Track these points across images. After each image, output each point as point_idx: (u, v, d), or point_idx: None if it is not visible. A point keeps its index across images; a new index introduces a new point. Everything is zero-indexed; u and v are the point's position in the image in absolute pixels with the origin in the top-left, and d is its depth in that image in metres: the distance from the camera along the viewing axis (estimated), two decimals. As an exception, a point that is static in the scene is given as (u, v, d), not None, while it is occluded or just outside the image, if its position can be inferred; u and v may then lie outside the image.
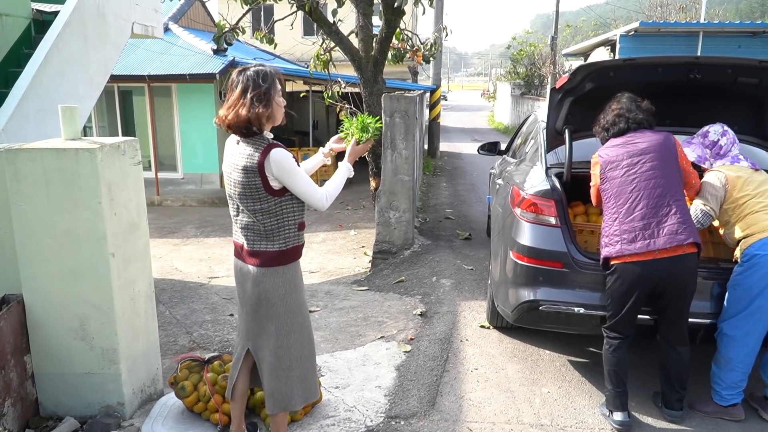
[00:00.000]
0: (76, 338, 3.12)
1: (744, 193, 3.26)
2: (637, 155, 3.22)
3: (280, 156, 2.55)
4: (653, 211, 3.11)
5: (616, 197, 3.22)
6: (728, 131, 3.52)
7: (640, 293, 3.14)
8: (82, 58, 6.23)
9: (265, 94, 2.57)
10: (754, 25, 12.92)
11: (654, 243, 3.06)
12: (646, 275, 3.09)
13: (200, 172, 12.10)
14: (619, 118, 3.36)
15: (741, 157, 3.45)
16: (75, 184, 2.95)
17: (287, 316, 2.71)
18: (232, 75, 2.64)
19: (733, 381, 3.30)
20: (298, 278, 2.78)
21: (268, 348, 2.73)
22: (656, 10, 23.86)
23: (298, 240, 2.73)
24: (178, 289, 6.21)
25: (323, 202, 2.68)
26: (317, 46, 7.90)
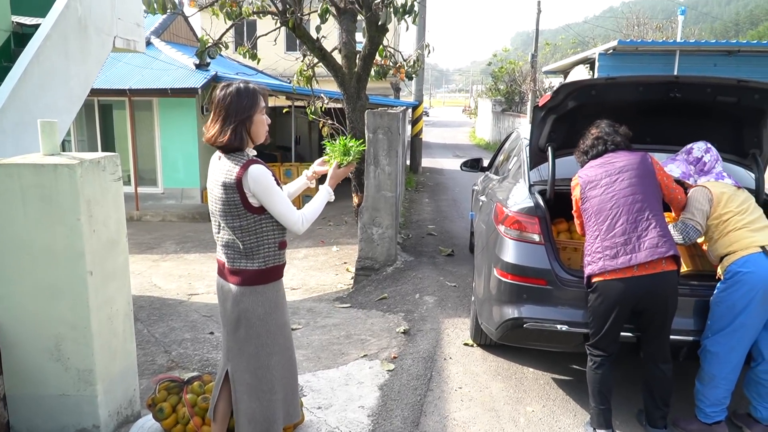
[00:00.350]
0: (51, 359, 3.03)
1: (727, 210, 3.29)
2: (615, 173, 3.27)
3: (257, 172, 2.52)
4: (633, 226, 3.13)
5: (597, 215, 3.24)
6: (711, 148, 3.57)
7: (620, 311, 3.14)
8: (63, 72, 6.15)
9: (247, 111, 2.55)
10: (730, 44, 13.21)
11: (635, 257, 3.07)
12: (626, 293, 3.10)
13: (181, 186, 11.99)
14: (597, 140, 3.44)
15: (725, 174, 3.50)
16: (53, 200, 2.88)
17: (268, 337, 2.66)
18: (216, 90, 2.62)
19: (716, 398, 3.30)
20: (280, 297, 2.73)
21: (248, 369, 2.67)
22: (633, 29, 24.34)
23: (279, 259, 2.68)
24: (156, 306, 6.11)
25: (299, 225, 2.62)
26: (300, 61, 7.90)
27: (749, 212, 3.29)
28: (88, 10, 6.47)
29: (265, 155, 13.44)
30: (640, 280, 3.08)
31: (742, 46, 13.05)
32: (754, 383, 3.33)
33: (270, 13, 7.20)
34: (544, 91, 22.92)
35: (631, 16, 26.34)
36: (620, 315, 3.16)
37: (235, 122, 2.53)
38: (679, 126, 3.89)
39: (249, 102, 2.57)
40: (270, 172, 2.57)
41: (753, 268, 3.12)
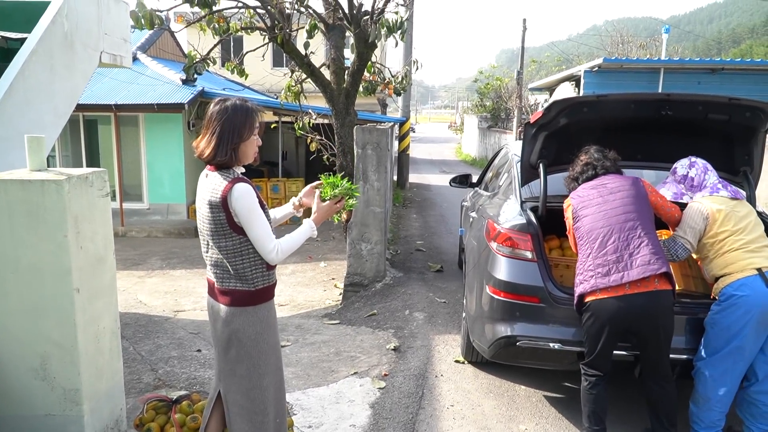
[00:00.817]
0: (36, 378, 2.96)
1: (724, 229, 3.25)
2: (608, 194, 3.30)
3: (240, 191, 2.45)
4: (625, 243, 3.13)
5: (588, 234, 3.24)
6: (696, 162, 3.55)
7: (612, 330, 3.13)
8: (49, 87, 6.10)
9: (239, 129, 2.50)
10: (713, 62, 13.42)
11: (628, 275, 3.07)
12: (619, 312, 3.09)
13: (166, 202, 11.88)
14: (587, 166, 3.48)
15: (720, 186, 3.44)
16: (40, 216, 2.82)
17: (259, 358, 2.60)
18: (210, 105, 2.57)
19: (711, 420, 3.27)
20: (272, 317, 2.67)
21: (240, 391, 2.61)
22: (618, 46, 24.66)
23: (269, 280, 2.62)
24: (142, 323, 6.02)
25: (272, 255, 2.52)
26: (287, 77, 7.90)
27: (747, 231, 3.24)
28: (75, 25, 6.44)
29: (251, 171, 13.40)
30: (632, 298, 3.07)
31: (726, 64, 13.27)
32: (747, 403, 3.31)
33: (258, 29, 7.20)
34: (530, 107, 23.12)
35: (615, 34, 26.74)
36: (612, 334, 3.15)
37: (226, 139, 2.48)
38: (671, 143, 3.92)
39: (243, 120, 2.52)
40: (254, 192, 2.51)
41: (749, 291, 3.09)
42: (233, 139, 2.49)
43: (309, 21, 6.83)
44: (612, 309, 3.09)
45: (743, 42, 77.63)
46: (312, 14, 6.92)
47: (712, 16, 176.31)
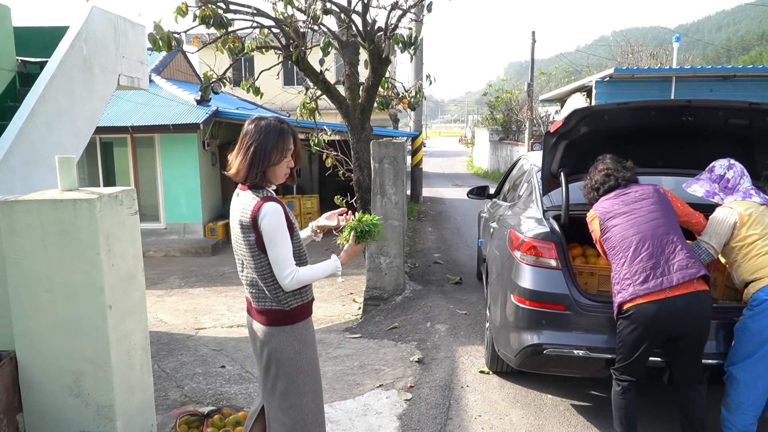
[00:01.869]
0: (70, 395, 3.00)
1: (752, 232, 3.23)
2: (632, 202, 3.31)
3: (267, 209, 2.43)
4: (659, 249, 3.12)
5: (621, 243, 3.23)
6: (735, 165, 3.51)
7: (654, 334, 3.11)
8: (69, 111, 6.21)
9: (269, 152, 2.49)
10: (725, 69, 13.38)
11: (667, 280, 3.05)
12: (661, 315, 3.06)
13: (183, 221, 11.99)
14: (608, 177, 3.47)
15: (753, 192, 3.41)
16: (72, 235, 2.88)
17: (298, 376, 2.59)
18: (247, 122, 2.57)
19: (743, 425, 3.24)
20: (309, 336, 2.64)
21: (281, 408, 2.61)
22: (628, 56, 24.66)
23: (302, 299, 2.59)
24: (165, 341, 6.06)
25: (288, 281, 2.45)
26: (298, 95, 7.97)
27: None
28: (93, 49, 6.56)
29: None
30: (673, 301, 3.04)
31: (738, 71, 13.23)
32: (779, 407, 3.30)
33: (273, 48, 7.29)
34: (540, 119, 23.14)
35: (625, 44, 26.75)
36: (653, 339, 3.13)
37: (257, 161, 2.47)
38: (691, 149, 3.92)
39: (275, 142, 2.50)
40: (284, 212, 2.47)
41: None
42: (263, 162, 2.47)
43: (323, 39, 6.91)
44: (654, 313, 3.06)
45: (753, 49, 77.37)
46: (326, 32, 7.00)
47: (720, 24, 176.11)
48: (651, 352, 3.18)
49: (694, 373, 3.21)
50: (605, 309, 3.45)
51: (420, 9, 7.34)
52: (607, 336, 3.44)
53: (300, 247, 2.59)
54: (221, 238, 11.79)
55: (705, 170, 3.63)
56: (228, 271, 9.69)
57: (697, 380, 3.21)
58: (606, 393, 4.18)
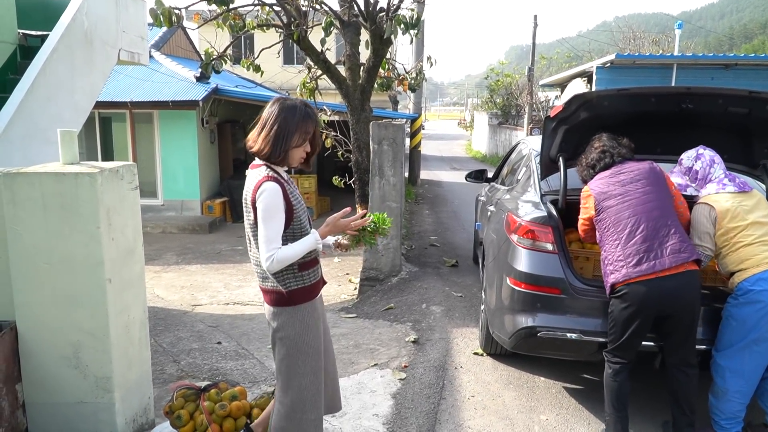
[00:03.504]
0: (69, 366, 3.03)
1: (734, 225, 3.24)
2: (629, 183, 3.31)
3: (265, 188, 2.45)
4: (654, 232, 3.15)
5: (615, 225, 3.25)
6: (703, 154, 3.50)
7: (646, 315, 3.15)
8: (69, 84, 6.19)
9: (293, 131, 2.50)
10: (727, 57, 13.36)
11: (659, 263, 3.09)
12: (652, 295, 3.10)
13: (181, 198, 11.98)
14: (603, 153, 3.48)
15: (726, 180, 3.39)
16: (74, 208, 2.89)
17: (298, 358, 2.61)
18: (273, 101, 2.59)
19: (731, 412, 3.29)
20: (312, 319, 2.64)
21: (282, 387, 2.65)
22: (629, 42, 24.55)
23: (302, 282, 2.59)
24: (161, 317, 6.10)
25: (268, 264, 2.44)
26: (298, 75, 7.96)
27: (759, 224, 3.22)
28: (94, 23, 6.52)
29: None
30: (663, 281, 3.08)
31: (740, 60, 13.21)
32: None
33: (275, 26, 7.26)
34: (540, 104, 23.07)
35: (627, 30, 26.61)
36: (645, 321, 3.16)
37: (282, 138, 2.48)
38: (690, 136, 3.93)
39: (300, 123, 2.51)
40: (280, 193, 2.46)
41: (765, 285, 3.09)
42: (286, 143, 2.50)
43: (325, 18, 6.88)
44: (644, 292, 3.10)
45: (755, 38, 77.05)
46: (328, 11, 6.97)
47: (723, 12, 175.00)
48: (643, 334, 3.22)
49: (685, 356, 3.25)
50: (600, 293, 3.49)
51: (422, -10, 7.30)
52: (601, 320, 3.48)
53: (302, 229, 2.57)
54: (218, 215, 11.81)
55: (677, 162, 3.65)
56: (225, 249, 9.71)
57: (689, 363, 3.25)
58: (598, 377, 4.23)
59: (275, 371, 2.71)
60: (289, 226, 2.52)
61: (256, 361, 4.66)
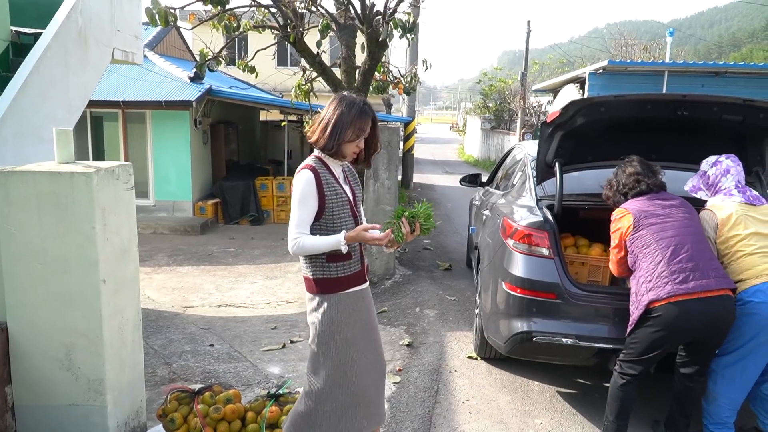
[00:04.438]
0: (61, 368, 3.00)
1: (734, 233, 3.24)
2: (669, 207, 3.29)
3: (299, 174, 2.61)
4: (699, 254, 3.10)
5: (658, 242, 3.17)
6: (720, 162, 3.49)
7: (684, 333, 3.09)
8: (62, 83, 6.14)
9: (347, 126, 2.60)
10: (717, 65, 13.47)
11: (707, 284, 3.02)
12: (695, 316, 3.02)
13: (173, 199, 11.91)
14: (638, 183, 3.43)
15: (735, 191, 3.38)
16: (68, 208, 2.87)
17: (320, 347, 2.65)
18: (335, 96, 2.70)
19: (720, 417, 3.31)
20: (338, 313, 2.66)
21: (307, 372, 2.75)
22: (621, 49, 24.71)
23: (329, 272, 2.64)
24: (152, 318, 6.05)
25: (290, 246, 2.59)
26: (292, 77, 7.94)
27: (763, 235, 3.21)
28: (89, 21, 6.48)
29: (256, 169, 13.44)
30: (708, 302, 3.02)
31: (729, 68, 13.32)
32: (761, 399, 3.36)
33: (270, 28, 7.23)
34: (533, 109, 23.15)
35: (618, 36, 26.78)
36: (676, 342, 3.15)
37: (336, 131, 2.59)
38: (685, 144, 3.95)
39: (355, 119, 2.60)
40: (312, 180, 2.58)
41: (764, 297, 3.09)
42: (340, 137, 2.59)
43: (321, 21, 6.87)
44: (689, 312, 3.01)
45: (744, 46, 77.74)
46: (324, 14, 6.96)
47: (712, 20, 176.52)
48: (665, 354, 3.19)
49: (701, 369, 3.25)
50: (595, 298, 3.50)
51: (419, -6, 7.31)
52: (596, 325, 3.49)
53: (333, 224, 2.64)
54: (210, 217, 11.74)
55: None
56: (216, 250, 9.66)
57: (702, 374, 3.26)
58: (592, 381, 4.25)
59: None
60: (321, 216, 2.61)
61: (249, 363, 4.63)
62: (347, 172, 2.82)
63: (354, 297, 2.72)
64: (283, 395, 3.35)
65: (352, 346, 2.69)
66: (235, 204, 11.83)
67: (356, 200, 2.81)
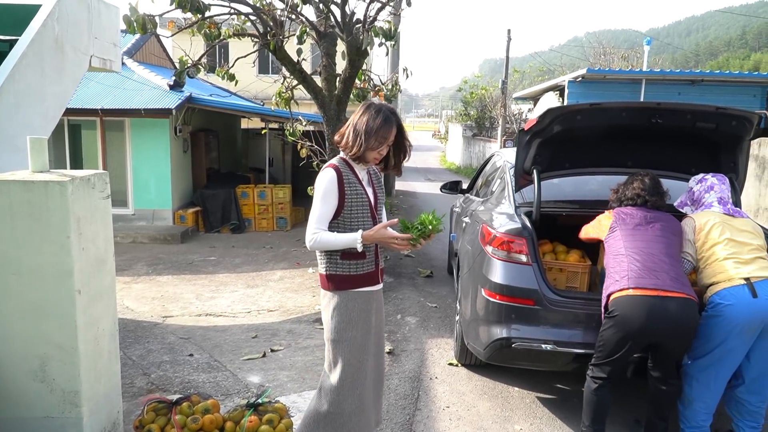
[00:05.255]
0: (35, 380, 2.95)
1: (710, 238, 3.34)
2: (650, 221, 3.40)
3: (322, 172, 2.72)
4: (662, 264, 3.19)
5: (626, 247, 3.29)
6: (706, 179, 3.61)
7: (640, 339, 3.14)
8: (38, 91, 6.07)
9: (372, 134, 2.66)
10: (693, 73, 13.69)
11: (664, 284, 3.11)
12: (652, 313, 3.07)
13: (152, 208, 11.81)
14: (636, 197, 3.55)
15: (716, 203, 3.50)
16: (43, 218, 2.83)
17: (332, 345, 2.76)
18: (363, 103, 2.79)
19: (696, 420, 3.35)
20: (350, 311, 2.74)
21: (324, 369, 2.82)
22: (600, 57, 25.02)
23: (341, 269, 2.73)
24: (131, 328, 5.99)
25: (308, 240, 2.70)
26: (273, 84, 7.92)
27: (737, 242, 3.30)
28: (65, 28, 6.42)
29: (238, 177, 13.37)
30: (666, 301, 3.08)
31: (705, 76, 13.55)
32: (735, 402, 3.42)
33: (250, 35, 7.22)
34: (514, 116, 23.33)
35: (597, 45, 27.12)
36: (639, 343, 3.17)
37: (361, 138, 2.67)
38: (660, 151, 4.01)
39: (379, 128, 2.67)
40: (334, 178, 2.68)
41: (733, 301, 3.15)
42: (364, 144, 2.67)
43: (300, 28, 6.87)
44: (645, 306, 3.08)
45: (720, 54, 79.22)
46: (304, 21, 6.96)
47: (689, 29, 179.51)
48: (632, 355, 3.23)
49: (671, 372, 3.29)
50: (573, 304, 3.53)
51: (398, 3, 7.34)
52: (575, 331, 3.52)
53: (351, 223, 2.73)
54: (191, 225, 11.66)
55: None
56: (197, 259, 9.59)
57: (673, 376, 3.29)
58: (571, 386, 4.28)
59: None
60: (339, 215, 2.70)
61: (229, 373, 4.59)
62: (372, 175, 2.90)
63: (365, 297, 2.78)
64: (262, 404, 3.33)
65: (361, 346, 2.77)
66: (215, 212, 11.75)
67: (378, 203, 2.89)
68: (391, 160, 2.87)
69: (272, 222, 11.96)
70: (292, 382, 4.30)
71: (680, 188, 3.81)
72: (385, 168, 2.91)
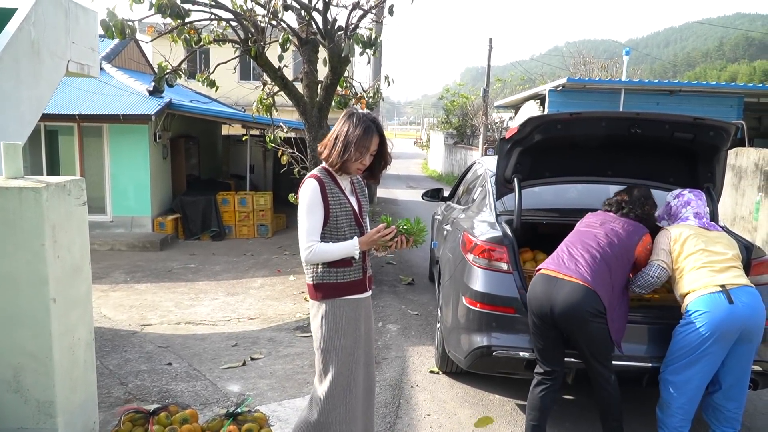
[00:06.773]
0: (9, 390, 2.89)
1: (684, 248, 3.40)
2: (604, 224, 3.46)
3: (304, 184, 2.70)
4: (584, 253, 3.31)
5: (570, 236, 3.49)
6: (683, 194, 3.67)
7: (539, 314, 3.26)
8: (14, 96, 5.98)
9: (352, 145, 2.64)
10: (671, 84, 13.89)
11: (564, 269, 3.26)
12: (545, 290, 3.24)
13: (131, 215, 11.67)
14: (617, 203, 3.62)
15: (692, 217, 3.57)
16: (17, 225, 2.78)
17: (321, 355, 2.74)
18: (345, 112, 2.76)
19: (674, 426, 3.38)
20: (338, 319, 2.73)
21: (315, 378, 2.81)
22: (580, 67, 25.31)
23: (327, 277, 2.71)
24: (108, 337, 5.90)
25: (305, 254, 2.67)
26: (254, 90, 7.90)
27: (713, 252, 3.36)
28: (42, 33, 6.33)
29: (218, 183, 13.28)
30: (558, 282, 3.23)
31: (683, 86, 13.75)
32: (712, 408, 3.45)
33: (231, 41, 7.19)
34: (495, 125, 23.47)
35: (577, 55, 27.45)
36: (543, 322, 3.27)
37: (342, 149, 2.64)
38: (639, 160, 4.05)
39: (359, 138, 2.65)
40: (317, 189, 2.66)
41: (710, 308, 3.19)
42: (344, 154, 2.65)
43: (282, 35, 6.85)
44: (540, 283, 3.29)
45: (697, 65, 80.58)
46: (286, 28, 6.95)
47: (668, 40, 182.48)
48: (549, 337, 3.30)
49: (598, 372, 3.28)
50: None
51: (380, 11, 7.36)
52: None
53: (337, 233, 2.71)
54: (170, 232, 11.54)
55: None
56: (176, 267, 9.49)
57: (605, 379, 3.28)
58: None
59: None
60: (326, 224, 2.69)
61: (208, 382, 4.54)
62: (355, 184, 2.89)
63: (353, 305, 2.77)
64: (241, 414, 3.29)
65: (350, 355, 2.75)
66: (195, 219, 11.65)
67: (362, 211, 2.87)
68: (374, 169, 2.85)
69: (253, 229, 11.88)
70: (272, 391, 4.26)
71: (658, 197, 3.84)
72: (369, 177, 2.90)
